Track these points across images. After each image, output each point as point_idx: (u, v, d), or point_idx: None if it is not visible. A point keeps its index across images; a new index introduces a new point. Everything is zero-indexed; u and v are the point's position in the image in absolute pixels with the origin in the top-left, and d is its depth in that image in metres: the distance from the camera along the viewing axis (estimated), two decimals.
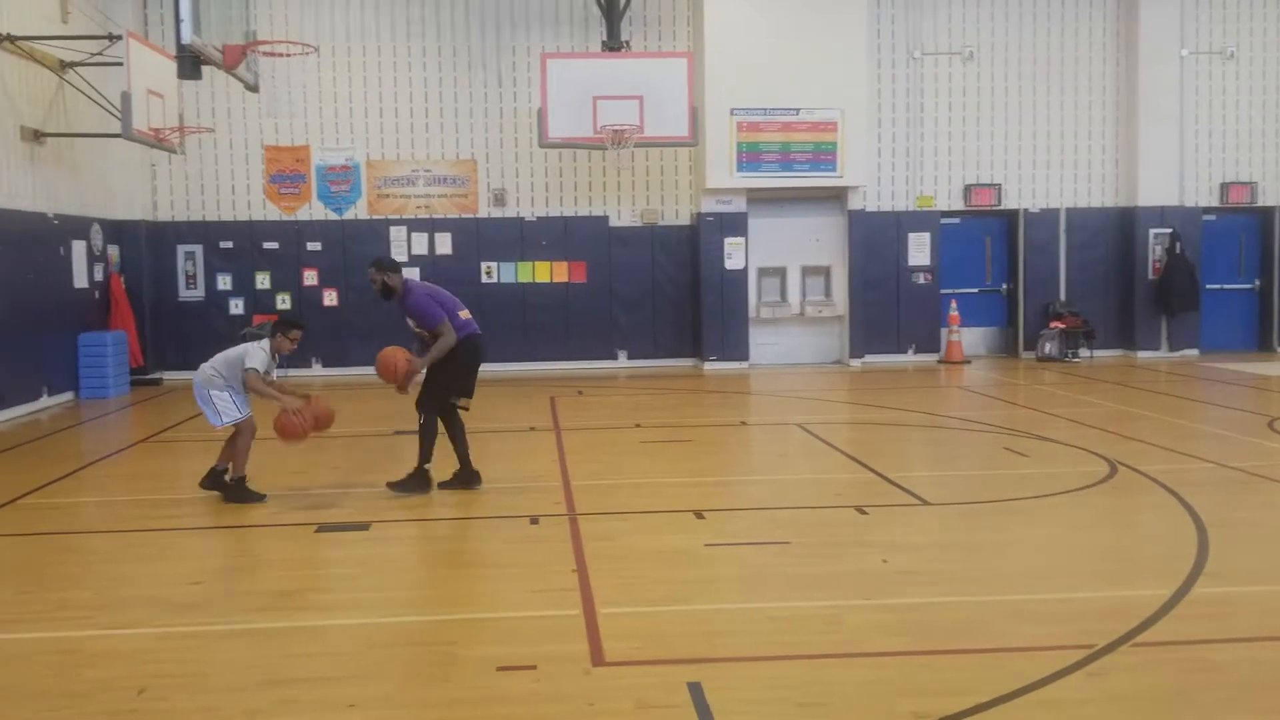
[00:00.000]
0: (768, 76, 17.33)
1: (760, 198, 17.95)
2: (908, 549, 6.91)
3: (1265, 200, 19.20)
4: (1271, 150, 19.14)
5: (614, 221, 18.33)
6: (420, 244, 18.00)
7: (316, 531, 7.56)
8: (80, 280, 15.39)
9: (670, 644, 5.27)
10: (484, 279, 18.07)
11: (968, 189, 18.78)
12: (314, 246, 17.82)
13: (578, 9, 18.02)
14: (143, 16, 17.23)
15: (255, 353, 8.36)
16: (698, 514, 7.84)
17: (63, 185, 15.00)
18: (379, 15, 17.84)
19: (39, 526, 7.84)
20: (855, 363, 18.12)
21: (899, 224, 18.66)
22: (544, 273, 18.23)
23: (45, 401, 14.12)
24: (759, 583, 6.25)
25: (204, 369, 8.47)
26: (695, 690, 4.60)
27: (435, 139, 18.11)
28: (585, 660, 5.01)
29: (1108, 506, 8.18)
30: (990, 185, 18.79)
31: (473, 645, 5.26)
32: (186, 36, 10.91)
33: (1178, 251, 18.54)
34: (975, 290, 19.28)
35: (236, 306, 17.55)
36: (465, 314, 8.80)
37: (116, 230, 16.75)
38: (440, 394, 8.65)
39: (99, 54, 14.48)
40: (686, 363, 18.37)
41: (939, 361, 18.49)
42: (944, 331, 18.64)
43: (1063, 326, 18.47)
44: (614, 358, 18.37)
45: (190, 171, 17.66)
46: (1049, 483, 8.74)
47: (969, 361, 18.35)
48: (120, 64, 13.34)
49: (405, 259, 17.87)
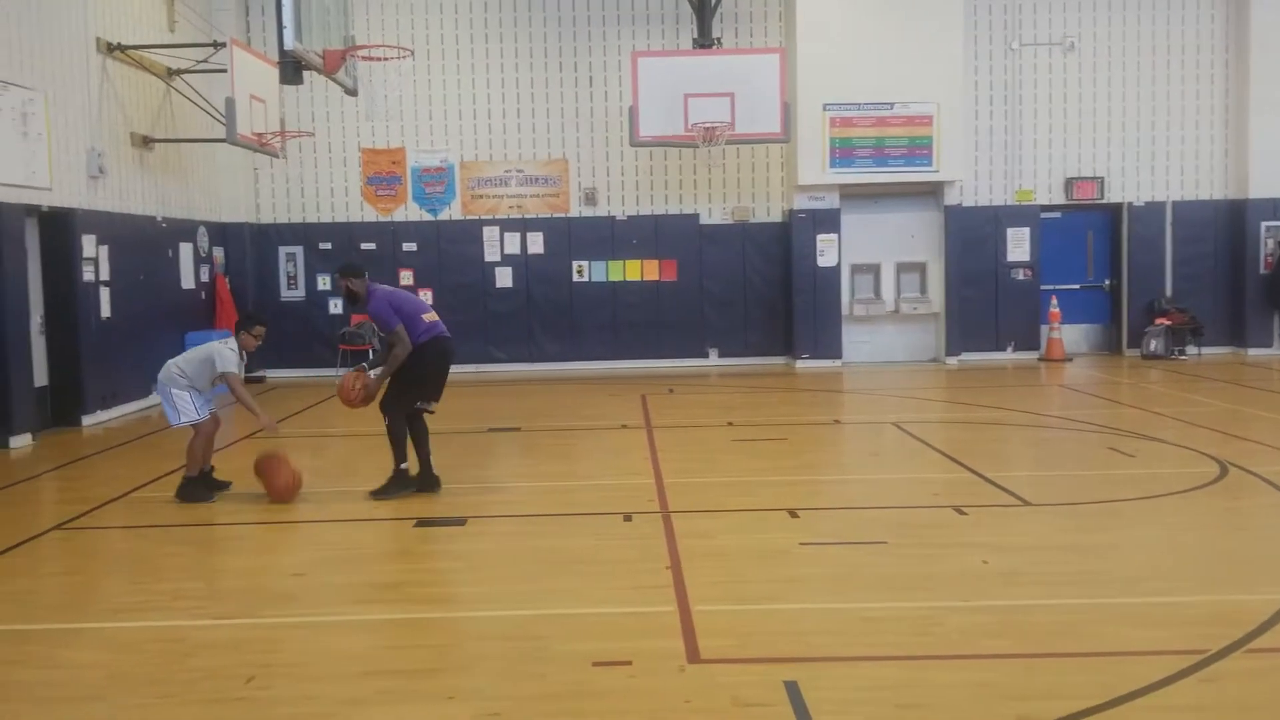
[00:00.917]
0: (861, 71, 17.13)
1: (854, 193, 17.75)
2: (1009, 550, 6.77)
3: None
4: None
5: (705, 219, 18.30)
6: (513, 244, 18.19)
7: (415, 526, 7.68)
8: (187, 281, 15.88)
9: (765, 642, 5.24)
10: (575, 278, 18.19)
11: (1069, 182, 18.32)
12: (409, 247, 18.12)
13: (668, 7, 18.03)
14: (245, 24, 17.71)
15: (225, 354, 8.43)
16: (792, 513, 7.78)
17: (171, 189, 15.49)
18: (472, 17, 18.06)
19: (150, 519, 8.10)
20: (952, 360, 17.82)
21: (997, 219, 18.28)
22: (634, 271, 18.27)
23: (154, 399, 14.57)
24: (855, 583, 6.18)
25: (168, 366, 8.57)
26: (792, 689, 4.56)
27: (527, 139, 18.28)
28: (680, 657, 5.00)
29: (1218, 508, 7.92)
30: (1092, 178, 18.30)
31: (568, 640, 5.29)
32: (289, 42, 11.17)
33: None
34: (1077, 286, 18.80)
35: (335, 306, 17.92)
36: (430, 317, 8.72)
37: (221, 232, 17.25)
38: (404, 396, 8.63)
39: (204, 61, 14.92)
40: (778, 361, 18.25)
41: (1039, 359, 18.07)
42: (1044, 328, 18.22)
43: (1168, 323, 17.91)
44: (705, 356, 18.33)
45: (291, 175, 18.10)
46: (1156, 484, 8.49)
47: (1070, 359, 17.90)
48: (224, 71, 13.71)
49: (498, 258, 18.11)
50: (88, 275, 12.90)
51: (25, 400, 11.55)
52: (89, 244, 12.92)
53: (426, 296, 17.91)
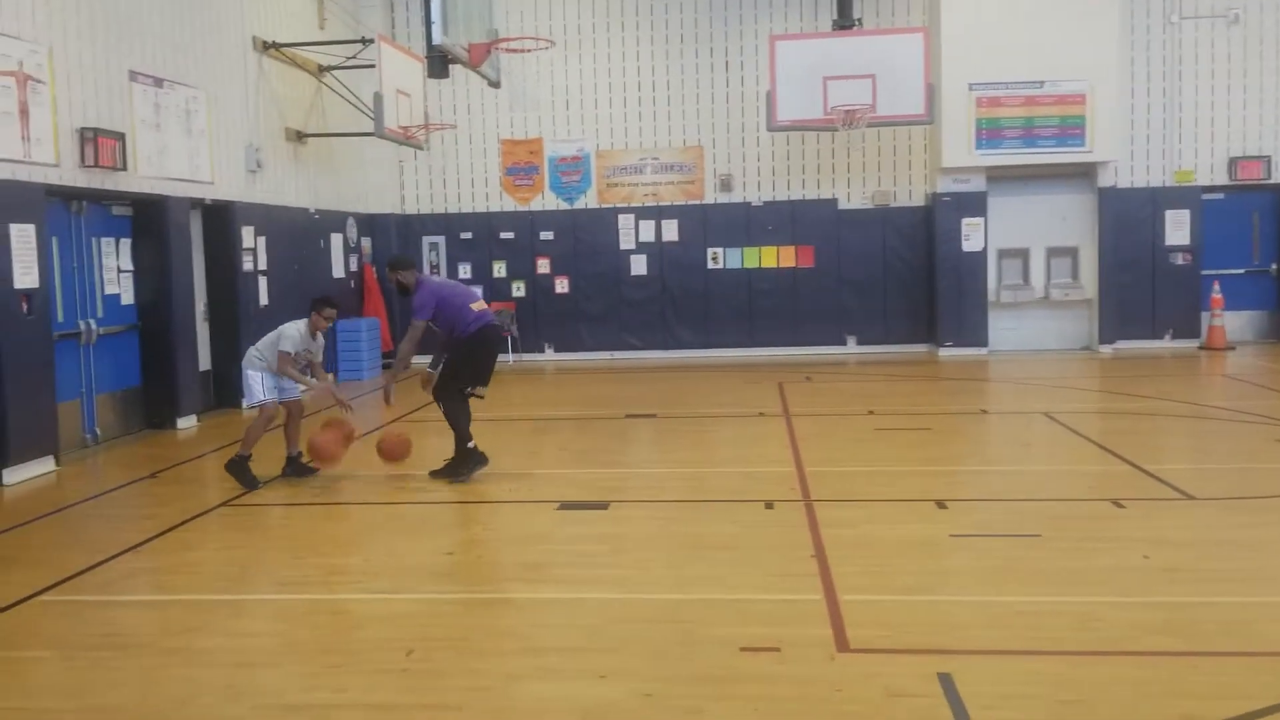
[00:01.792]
0: (1009, 49, 16.62)
1: (1001, 176, 17.27)
2: (1170, 545, 6.52)
3: None
4: None
5: (843, 204, 18.06)
6: (648, 231, 18.27)
7: (558, 509, 7.81)
8: (338, 270, 16.45)
9: (917, 634, 5.17)
10: (710, 265, 18.17)
11: (1232, 162, 17.45)
12: (546, 236, 18.38)
13: None
14: (390, 21, 18.21)
15: (287, 335, 8.70)
16: (939, 504, 7.64)
17: (322, 182, 16.05)
18: (608, 5, 18.18)
19: (307, 497, 8.44)
20: (1105, 349, 17.20)
21: (1154, 201, 17.53)
22: (770, 258, 18.15)
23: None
24: (1008, 576, 6.04)
25: (249, 351, 8.90)
26: (946, 681, 4.50)
27: (663, 127, 18.33)
28: (829, 645, 4.98)
29: None
30: (1258, 157, 17.38)
31: (714, 625, 5.32)
32: (438, 37, 11.43)
33: None
34: (1240, 271, 17.88)
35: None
36: (479, 306, 8.86)
37: (369, 223, 17.81)
38: (453, 381, 8.77)
39: (353, 58, 15.39)
40: (919, 348, 17.91)
41: (1199, 347, 17.29)
42: (1205, 315, 17.40)
43: None
44: (842, 343, 18.12)
45: (434, 166, 18.55)
46: None
47: (1233, 347, 17.07)
48: (372, 66, 14.13)
49: (633, 246, 18.22)
50: (247, 265, 13.49)
51: (191, 384, 12.15)
52: (248, 235, 13.50)
53: (562, 284, 18.19)
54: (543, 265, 18.37)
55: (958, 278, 17.30)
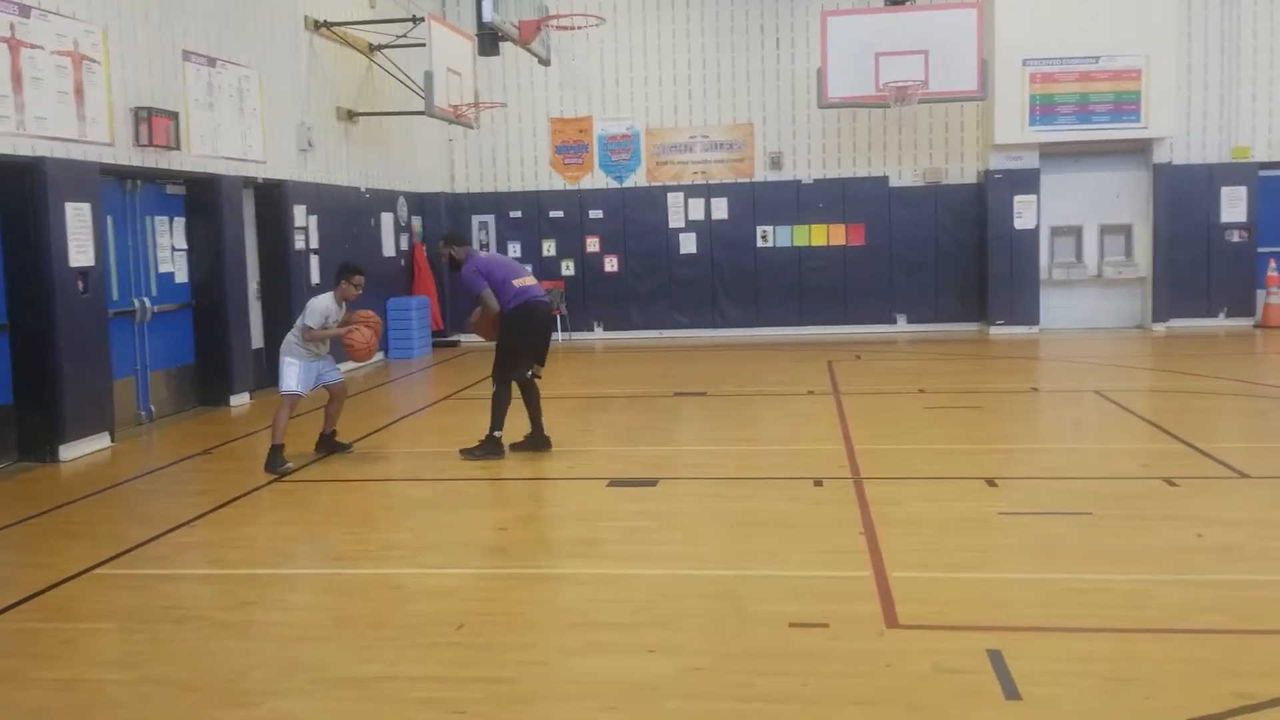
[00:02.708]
0: (1064, 23, 16.36)
1: (1054, 152, 17.03)
2: (1224, 524, 6.44)
3: None
4: None
5: (894, 182, 17.90)
6: (697, 209, 18.23)
7: (608, 486, 7.85)
8: (388, 249, 16.59)
9: (965, 610, 5.15)
10: (759, 243, 18.11)
11: None
12: (595, 214, 18.39)
13: None
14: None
15: (316, 307, 8.80)
16: (989, 481, 7.59)
17: (373, 161, 16.18)
18: None
19: (360, 474, 8.56)
20: (1159, 327, 16.93)
21: (1210, 177, 17.19)
22: (820, 236, 18.05)
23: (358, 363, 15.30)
24: (1059, 553, 5.99)
25: (287, 337, 8.96)
26: (996, 658, 4.48)
27: (712, 104, 18.25)
28: (879, 621, 4.97)
29: None
30: None
31: (764, 601, 5.33)
32: (488, 14, 11.48)
33: None
34: None
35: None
36: (521, 282, 8.84)
37: (419, 202, 17.92)
38: (513, 364, 8.76)
39: (403, 36, 15.47)
40: (970, 327, 17.75)
41: (1255, 326, 16.99)
42: (1261, 293, 17.08)
43: None
44: (892, 322, 17.99)
45: (484, 145, 18.63)
46: None
47: None
48: (423, 45, 14.19)
49: (682, 224, 18.19)
50: (299, 243, 13.64)
51: (244, 362, 12.33)
52: (299, 214, 13.64)
53: (612, 263, 18.19)
54: (592, 244, 18.40)
55: (1010, 256, 17.10)
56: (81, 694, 4.50)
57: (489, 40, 12.30)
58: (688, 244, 18.25)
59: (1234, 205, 17.16)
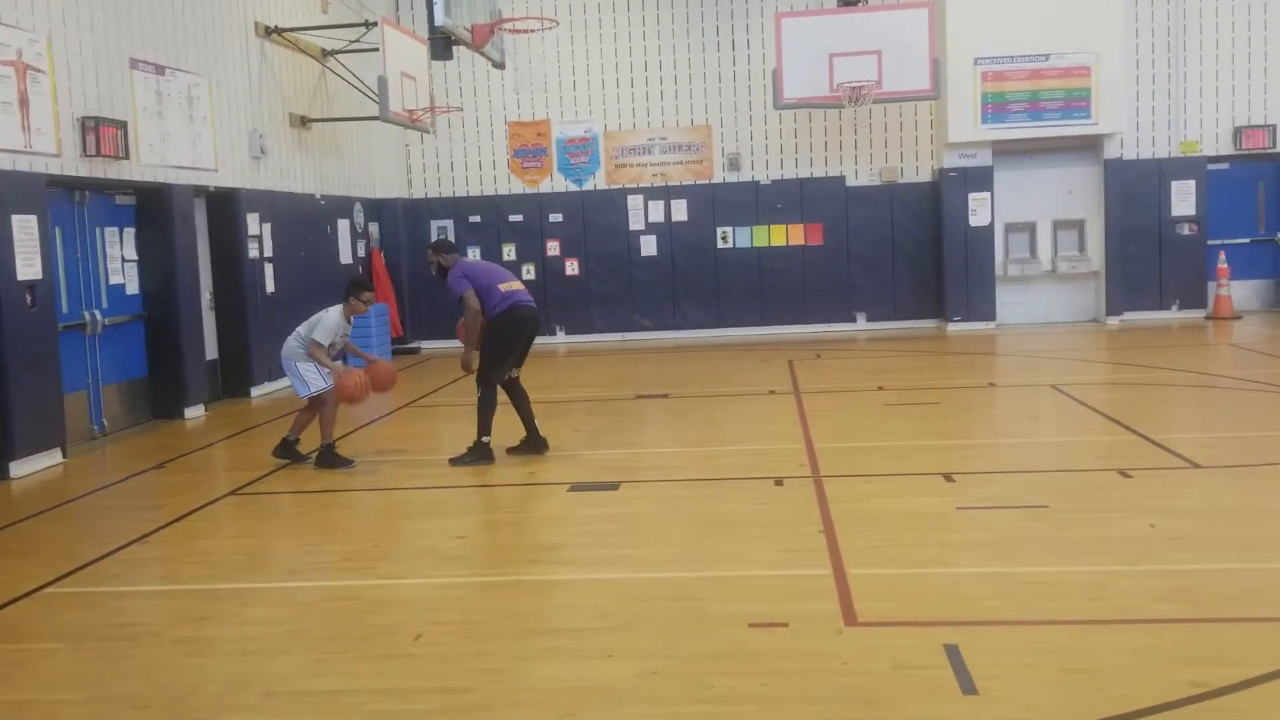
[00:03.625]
0: (1014, 22, 16.54)
1: (1007, 150, 17.20)
2: (1177, 514, 6.51)
3: None
4: None
5: (851, 181, 18.00)
6: (657, 211, 18.24)
7: (569, 491, 7.82)
8: (345, 256, 16.46)
9: (924, 606, 5.17)
10: (720, 244, 18.14)
11: (1238, 132, 17.34)
12: (555, 218, 18.35)
13: None
14: (394, 2, 18.17)
15: (325, 320, 8.82)
16: (947, 477, 7.64)
17: (328, 167, 16.05)
18: None
19: (317, 485, 8.46)
20: (1113, 320, 17.15)
21: (1160, 172, 17.43)
22: (779, 236, 18.11)
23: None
24: (1015, 547, 6.04)
25: (289, 342, 8.96)
26: (953, 652, 4.50)
27: (670, 106, 18.27)
28: (837, 620, 4.99)
29: None
30: (1263, 127, 17.27)
31: (724, 602, 5.33)
32: (440, 19, 11.41)
33: None
34: (1246, 240, 17.81)
35: None
36: (508, 286, 8.83)
37: (376, 208, 17.80)
38: (495, 368, 8.75)
39: (356, 41, 15.35)
40: (929, 324, 17.88)
41: (1206, 318, 17.23)
42: (1211, 285, 17.34)
43: None
44: (852, 320, 18.08)
45: (440, 150, 18.53)
46: None
47: (1240, 317, 17.02)
48: (376, 49, 14.09)
49: (642, 227, 18.19)
50: (252, 252, 13.49)
51: (198, 373, 12.17)
52: (253, 222, 13.50)
53: (572, 266, 18.15)
54: (552, 248, 18.35)
55: (965, 253, 17.25)
56: (31, 716, 4.42)
57: (441, 44, 12.22)
58: (648, 246, 18.25)
59: (1184, 199, 17.41)
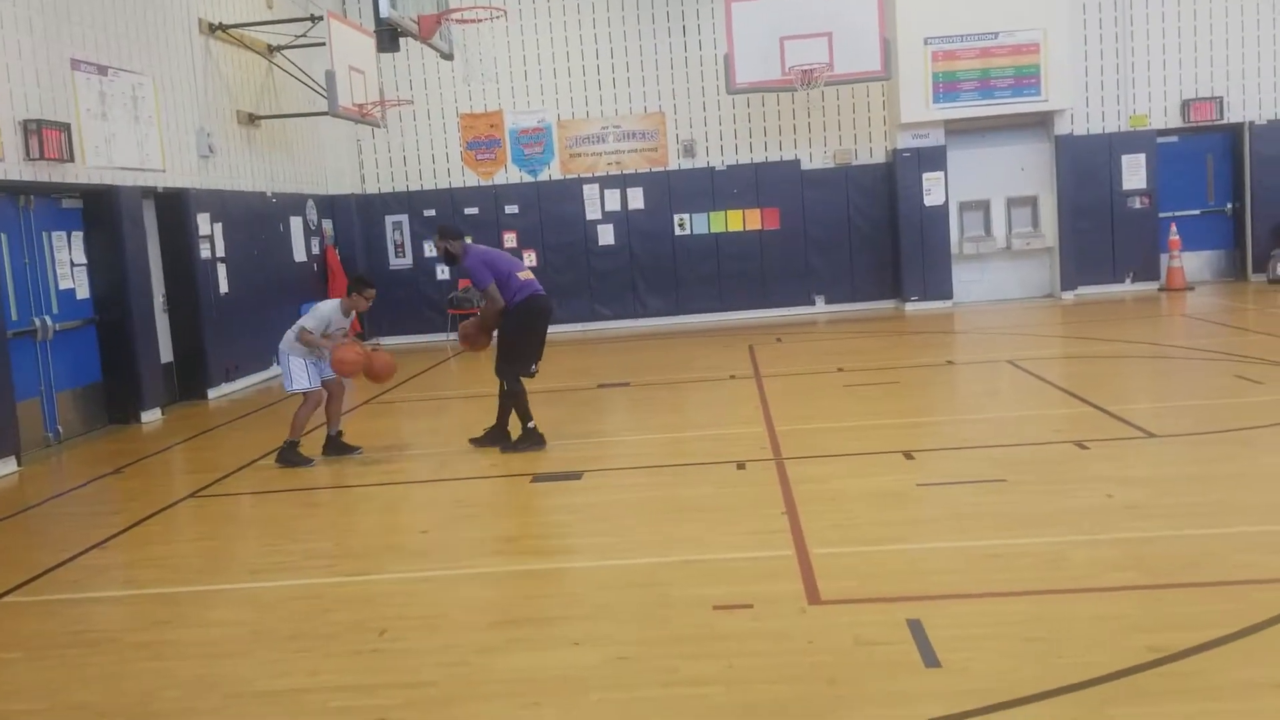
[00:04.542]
0: (962, 1, 16.66)
1: (959, 129, 17.32)
2: (1134, 483, 6.60)
3: None
4: None
5: (806, 164, 18.06)
6: (613, 200, 18.21)
7: (532, 482, 7.81)
8: (299, 254, 16.30)
9: (886, 583, 5.22)
10: (677, 231, 18.14)
11: (1185, 104, 17.56)
12: (511, 210, 18.28)
13: None
14: None
15: (318, 310, 8.80)
16: (907, 455, 7.70)
17: (278, 164, 15.88)
18: None
19: (278, 485, 8.39)
20: (1068, 295, 17.34)
21: (1110, 146, 17.63)
22: (736, 221, 18.14)
23: (276, 369, 15.02)
24: (975, 521, 6.10)
25: (287, 335, 8.90)
26: (915, 627, 4.54)
27: (623, 94, 18.23)
28: (801, 599, 5.01)
29: None
30: (1210, 99, 17.51)
31: (689, 586, 5.34)
32: (385, 10, 11.32)
33: None
34: (1197, 212, 18.08)
35: (443, 273, 18.19)
36: (525, 275, 8.80)
37: (329, 205, 17.64)
38: (514, 359, 8.75)
39: (303, 36, 15.19)
40: (887, 304, 17.99)
41: (1159, 289, 17.47)
42: (1164, 257, 17.58)
43: None
44: (811, 303, 18.16)
45: (393, 144, 18.39)
46: None
47: (1192, 288, 17.28)
48: (323, 44, 13.94)
49: (599, 216, 18.16)
50: (204, 252, 13.33)
51: (153, 376, 12.03)
52: (204, 222, 13.34)
53: (529, 258, 18.07)
54: (509, 239, 18.26)
55: (921, 232, 17.37)
56: None
57: (388, 36, 12.13)
58: (605, 235, 18.22)
59: (1134, 173, 17.62)
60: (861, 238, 18.00)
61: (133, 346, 11.61)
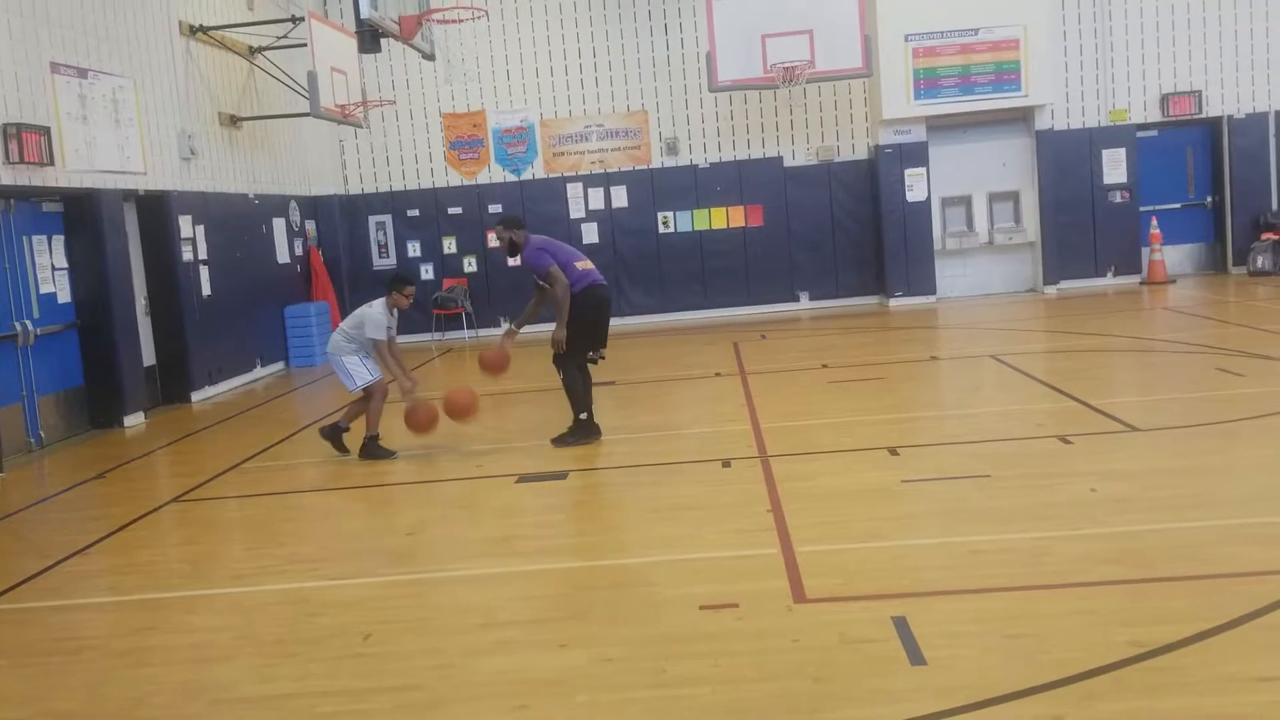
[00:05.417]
0: None
1: (941, 125, 17.37)
2: (1117, 477, 6.63)
3: None
4: None
5: (789, 161, 18.08)
6: (597, 199, 18.19)
7: (517, 482, 7.80)
8: (283, 255, 16.24)
9: (871, 580, 5.23)
10: (661, 229, 18.14)
11: (1165, 98, 17.65)
12: (495, 209, 18.20)
13: None
14: None
15: (373, 319, 8.75)
16: (892, 451, 7.72)
17: (261, 166, 15.81)
18: None
19: (262, 488, 8.36)
20: (1050, 289, 17.41)
21: (1091, 141, 17.72)
22: (720, 219, 18.15)
23: (259, 372, 15.01)
24: (960, 517, 6.12)
25: (335, 336, 8.97)
26: (900, 624, 4.56)
27: (605, 93, 18.22)
28: (787, 598, 5.02)
29: None
30: (1189, 93, 17.60)
31: (675, 585, 5.35)
32: (365, 11, 11.29)
33: None
34: (1178, 206, 18.18)
35: (426, 272, 18.16)
36: (584, 265, 8.82)
37: (312, 206, 17.58)
38: (573, 348, 8.74)
39: (284, 37, 15.13)
40: (871, 300, 18.03)
41: (1141, 283, 17.56)
42: (1145, 251, 17.67)
43: (1276, 238, 17.24)
44: (795, 300, 18.19)
45: (375, 144, 18.34)
46: (1267, 402, 8.24)
47: (1174, 281, 17.37)
48: (304, 45, 13.89)
49: (583, 215, 18.14)
50: (186, 255, 13.27)
51: (136, 380, 11.96)
52: (185, 224, 13.28)
53: (515, 257, 17.95)
54: (493, 239, 18.15)
55: (904, 228, 17.42)
56: None
57: (369, 37, 12.10)
58: (589, 234, 18.19)
59: (1115, 167, 17.70)
60: (845, 234, 18.03)
61: (115, 350, 11.55)
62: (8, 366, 10.26)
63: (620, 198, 18.15)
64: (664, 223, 18.15)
